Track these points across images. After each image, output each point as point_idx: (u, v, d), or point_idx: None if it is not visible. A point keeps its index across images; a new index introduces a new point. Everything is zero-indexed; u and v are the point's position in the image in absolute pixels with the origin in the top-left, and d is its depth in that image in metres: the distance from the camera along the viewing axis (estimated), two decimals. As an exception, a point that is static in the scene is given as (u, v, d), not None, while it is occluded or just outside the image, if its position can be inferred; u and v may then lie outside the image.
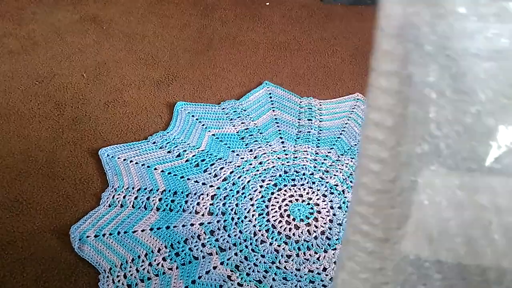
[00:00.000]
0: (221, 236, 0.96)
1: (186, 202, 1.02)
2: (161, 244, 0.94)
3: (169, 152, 1.13)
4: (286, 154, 1.16)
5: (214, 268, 0.91)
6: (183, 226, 0.97)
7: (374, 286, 0.32)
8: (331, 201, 1.04)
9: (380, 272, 0.31)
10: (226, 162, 1.12)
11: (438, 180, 0.29)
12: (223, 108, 1.26)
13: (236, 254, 0.94)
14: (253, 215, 1.01)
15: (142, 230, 0.96)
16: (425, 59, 0.27)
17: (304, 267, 0.93)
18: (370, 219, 0.32)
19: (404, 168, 0.30)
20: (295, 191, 1.07)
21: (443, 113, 0.28)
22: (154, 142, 1.15)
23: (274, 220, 1.00)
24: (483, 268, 0.29)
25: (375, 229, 0.32)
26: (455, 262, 0.30)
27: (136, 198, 1.02)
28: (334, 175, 1.10)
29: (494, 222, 0.29)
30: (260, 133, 1.20)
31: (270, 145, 1.17)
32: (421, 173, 0.29)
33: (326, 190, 1.07)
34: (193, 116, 1.23)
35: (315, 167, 1.13)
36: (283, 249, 0.96)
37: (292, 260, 0.94)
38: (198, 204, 1.02)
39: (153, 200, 1.01)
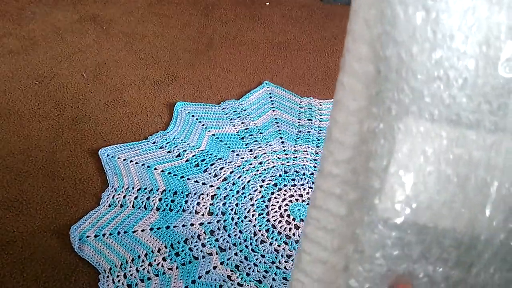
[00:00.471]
0: (221, 236, 0.96)
1: (186, 202, 1.02)
2: (161, 244, 0.94)
3: (169, 152, 1.13)
4: (286, 154, 1.16)
5: (214, 268, 0.91)
6: (183, 226, 0.97)
7: (347, 256, 0.30)
8: (331, 201, 1.04)
9: (354, 238, 0.30)
10: (226, 162, 1.12)
11: (419, 131, 0.28)
12: (223, 108, 1.26)
13: (236, 254, 0.94)
14: (253, 215, 1.01)
15: (142, 230, 0.96)
16: None
17: (304, 267, 0.93)
18: (346, 178, 0.30)
19: (386, 116, 0.29)
20: (295, 191, 1.07)
21: (427, 57, 0.28)
22: (154, 142, 1.15)
23: (274, 220, 1.00)
24: (459, 232, 0.29)
25: (351, 189, 0.30)
26: (432, 224, 0.29)
27: (136, 198, 1.02)
28: (334, 175, 1.10)
29: (471, 178, 0.29)
30: (260, 133, 1.20)
31: (270, 145, 1.17)
32: (402, 122, 0.29)
33: (326, 190, 1.07)
34: (193, 116, 1.23)
35: (315, 167, 1.13)
36: (283, 249, 0.96)
37: (292, 260, 0.94)
38: (198, 204, 1.02)
39: (153, 200, 1.01)
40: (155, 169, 1.08)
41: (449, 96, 0.28)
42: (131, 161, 1.09)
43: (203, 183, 1.06)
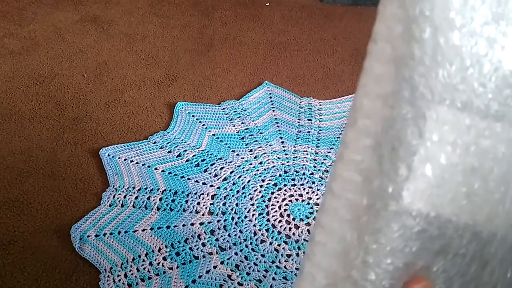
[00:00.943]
0: (221, 236, 0.97)
1: (186, 201, 1.02)
2: (162, 244, 0.94)
3: (169, 152, 1.13)
4: (286, 154, 1.16)
5: (215, 267, 0.91)
6: (184, 225, 0.98)
7: (366, 248, 0.29)
8: (331, 200, 1.04)
9: (376, 230, 0.28)
10: (226, 162, 1.12)
11: (449, 119, 0.28)
12: (223, 108, 1.27)
13: (236, 253, 0.94)
14: (253, 215, 1.01)
15: (143, 230, 0.96)
16: None
17: (304, 267, 0.93)
18: (370, 165, 0.29)
19: (418, 101, 0.27)
20: (295, 191, 1.07)
21: (463, 43, 0.27)
22: (154, 142, 1.15)
23: (274, 220, 1.01)
24: (478, 227, 0.29)
25: (374, 176, 0.28)
26: (455, 218, 0.28)
27: (136, 197, 1.02)
28: (334, 175, 1.10)
29: (493, 171, 0.28)
30: (260, 133, 1.21)
31: (270, 145, 1.18)
32: (434, 110, 0.27)
33: (326, 190, 1.07)
34: (193, 116, 1.23)
35: (315, 167, 1.13)
36: (283, 248, 0.96)
37: (292, 260, 0.94)
38: (198, 203, 1.02)
39: (153, 200, 1.02)
40: (156, 169, 1.08)
41: (481, 85, 0.27)
42: (131, 161, 1.10)
43: (204, 183, 1.07)
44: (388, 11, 0.28)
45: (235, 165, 1.11)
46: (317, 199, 1.05)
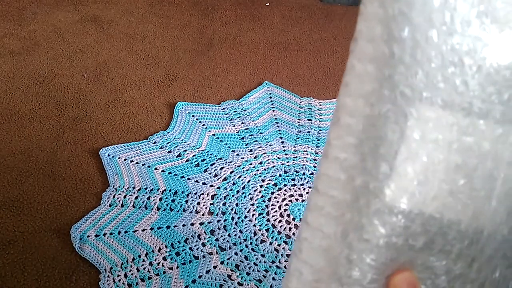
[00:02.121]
0: (221, 236, 0.97)
1: (186, 201, 1.02)
2: (162, 244, 0.94)
3: (169, 152, 1.13)
4: (286, 154, 1.16)
5: (215, 267, 0.91)
6: (184, 225, 0.98)
7: (351, 245, 0.29)
8: (331, 200, 1.04)
9: (360, 226, 0.29)
10: (226, 162, 1.12)
11: (431, 117, 0.28)
12: (223, 108, 1.27)
13: (236, 253, 0.94)
14: (253, 215, 1.01)
15: (143, 230, 0.96)
16: None
17: (304, 267, 0.93)
18: (354, 163, 0.29)
19: (398, 100, 0.28)
20: (295, 191, 1.07)
21: (443, 42, 0.27)
22: (154, 142, 1.15)
23: (274, 220, 1.01)
24: (463, 224, 0.29)
25: (358, 174, 0.29)
26: (438, 215, 0.28)
27: (136, 197, 1.02)
28: (334, 175, 1.10)
29: (478, 168, 0.28)
30: (260, 133, 1.21)
31: (270, 145, 1.18)
32: (415, 108, 0.28)
33: (326, 190, 1.07)
34: (193, 116, 1.23)
35: (315, 167, 1.13)
36: (283, 248, 0.96)
37: (292, 260, 0.94)
38: (198, 203, 1.02)
39: (153, 200, 1.02)
40: (156, 169, 1.08)
41: (463, 82, 0.28)
42: (131, 161, 1.10)
43: (204, 183, 1.07)
44: (368, 10, 0.29)
45: (235, 165, 1.11)
46: (317, 199, 1.05)
